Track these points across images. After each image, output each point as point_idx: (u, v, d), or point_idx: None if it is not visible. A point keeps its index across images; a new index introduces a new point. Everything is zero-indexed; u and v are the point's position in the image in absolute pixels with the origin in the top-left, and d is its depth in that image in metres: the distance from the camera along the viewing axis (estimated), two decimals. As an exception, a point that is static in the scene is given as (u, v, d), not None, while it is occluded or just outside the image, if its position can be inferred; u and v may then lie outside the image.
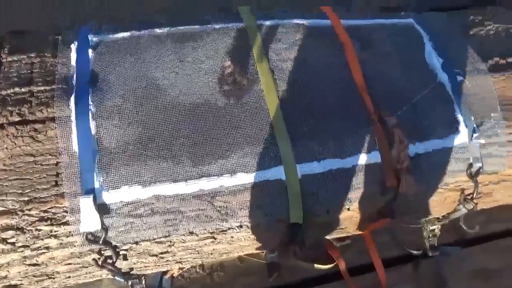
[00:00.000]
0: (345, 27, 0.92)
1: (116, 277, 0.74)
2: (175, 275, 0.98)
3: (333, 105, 0.82)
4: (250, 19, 0.88)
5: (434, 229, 1.05)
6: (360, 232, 0.95)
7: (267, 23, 0.88)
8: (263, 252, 1.06)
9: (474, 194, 0.88)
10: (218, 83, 0.80)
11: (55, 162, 0.71)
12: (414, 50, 0.94)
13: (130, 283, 0.81)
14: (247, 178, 0.74)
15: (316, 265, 1.10)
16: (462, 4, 1.34)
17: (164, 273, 0.96)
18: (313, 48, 0.87)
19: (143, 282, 0.83)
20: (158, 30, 0.82)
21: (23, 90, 0.76)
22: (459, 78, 0.91)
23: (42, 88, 0.76)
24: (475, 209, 0.91)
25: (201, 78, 0.80)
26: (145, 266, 0.78)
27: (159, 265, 0.79)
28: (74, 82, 0.75)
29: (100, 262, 0.70)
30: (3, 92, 0.75)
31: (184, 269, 0.99)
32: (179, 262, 0.80)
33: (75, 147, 0.70)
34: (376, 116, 0.82)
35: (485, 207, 1.05)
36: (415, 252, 1.16)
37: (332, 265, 1.10)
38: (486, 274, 1.19)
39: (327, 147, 0.78)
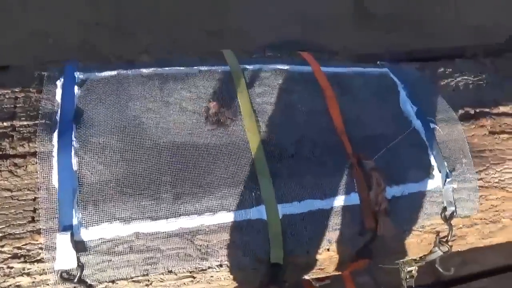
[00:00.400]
0: (325, 74, 0.97)
1: (89, 319, 0.71)
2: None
3: (313, 147, 0.84)
4: (234, 62, 0.92)
5: (411, 270, 1.06)
6: (339, 273, 0.95)
7: (251, 67, 0.92)
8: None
9: (449, 237, 0.91)
10: (202, 123, 0.82)
11: (33, 198, 0.69)
12: (390, 98, 0.99)
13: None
14: (228, 217, 0.74)
15: (295, 308, 1.09)
16: (432, 55, 1.44)
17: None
18: (295, 92, 0.91)
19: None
20: (144, 70, 0.84)
21: (5, 124, 0.75)
22: (432, 125, 0.96)
23: (25, 123, 0.76)
24: (450, 252, 0.94)
25: (185, 118, 0.81)
26: (120, 308, 0.75)
27: (134, 306, 0.76)
28: (58, 118, 0.75)
29: (73, 303, 0.67)
30: (-15, 126, 0.74)
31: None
32: (156, 303, 0.78)
33: (55, 182, 0.69)
34: (355, 159, 0.85)
35: (460, 249, 1.08)
36: (393, 294, 1.16)
37: (311, 307, 1.09)
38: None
39: (307, 188, 0.80)
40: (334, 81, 0.96)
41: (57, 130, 0.73)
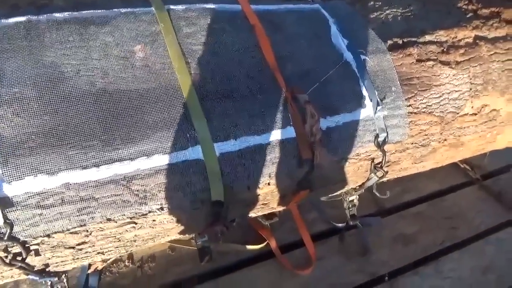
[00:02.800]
0: (256, 12, 0.95)
1: (30, 276, 0.69)
2: (99, 268, 0.94)
3: (246, 84, 0.84)
4: (158, 3, 0.87)
5: (353, 200, 1.12)
6: (285, 207, 0.99)
7: (177, 7, 0.88)
8: (193, 239, 1.06)
9: (383, 162, 0.96)
10: (129, 67, 0.78)
11: None
12: (321, 32, 0.99)
13: (49, 282, 0.76)
14: (164, 160, 0.73)
15: (248, 246, 1.13)
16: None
17: (89, 267, 0.92)
18: (224, 31, 0.89)
19: (64, 280, 0.79)
20: (58, 15, 0.78)
21: None
22: (363, 57, 0.98)
23: None
24: (385, 176, 0.99)
25: (110, 63, 0.77)
26: (62, 261, 0.74)
27: (78, 258, 0.75)
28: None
29: (8, 260, 0.65)
30: None
31: (108, 262, 0.95)
32: (101, 253, 0.77)
33: (-32, 140, 0.64)
34: (289, 94, 0.86)
35: (396, 176, 1.15)
36: (339, 224, 1.23)
37: (263, 244, 1.14)
38: (404, 238, 1.30)
39: (243, 125, 0.80)
40: (265, 19, 0.95)
41: (-38, 85, 0.67)
